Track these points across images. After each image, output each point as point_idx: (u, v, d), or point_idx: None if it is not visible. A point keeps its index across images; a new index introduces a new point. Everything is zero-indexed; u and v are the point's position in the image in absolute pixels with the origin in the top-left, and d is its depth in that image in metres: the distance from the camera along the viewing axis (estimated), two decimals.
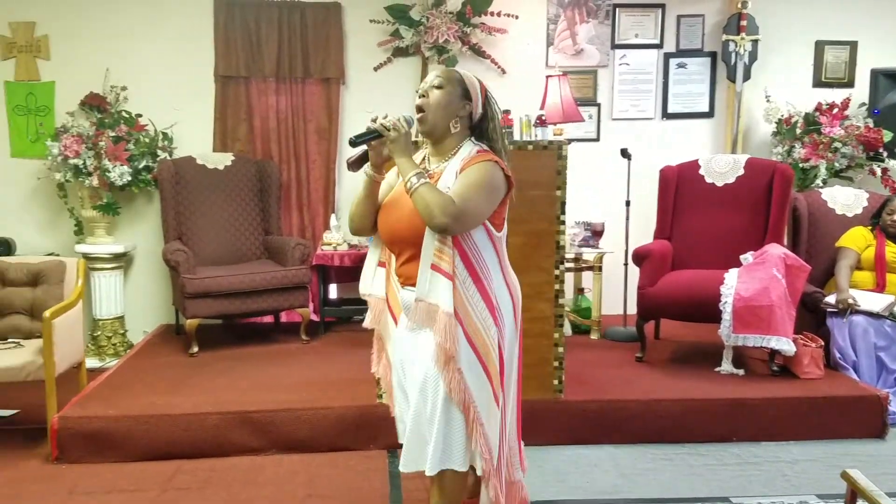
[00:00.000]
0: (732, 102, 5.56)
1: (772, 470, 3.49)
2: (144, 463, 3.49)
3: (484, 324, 2.25)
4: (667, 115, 5.71)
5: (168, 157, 5.15)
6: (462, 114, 2.32)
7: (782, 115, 5.42)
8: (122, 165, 4.91)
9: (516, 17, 5.46)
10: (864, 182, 5.34)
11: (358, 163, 2.38)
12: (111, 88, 5.20)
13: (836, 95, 5.46)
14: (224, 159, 5.22)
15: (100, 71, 5.21)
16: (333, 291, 5.43)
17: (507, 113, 4.08)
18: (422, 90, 2.33)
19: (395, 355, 2.47)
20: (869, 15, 5.64)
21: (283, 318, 5.39)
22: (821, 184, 5.18)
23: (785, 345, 3.96)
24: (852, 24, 5.65)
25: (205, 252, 5.01)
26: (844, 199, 4.89)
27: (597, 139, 5.68)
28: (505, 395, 2.35)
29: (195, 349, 4.63)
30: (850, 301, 4.24)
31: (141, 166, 5.05)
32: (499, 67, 5.53)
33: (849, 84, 5.66)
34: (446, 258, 2.19)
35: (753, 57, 5.47)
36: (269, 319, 5.38)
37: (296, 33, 5.35)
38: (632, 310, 4.74)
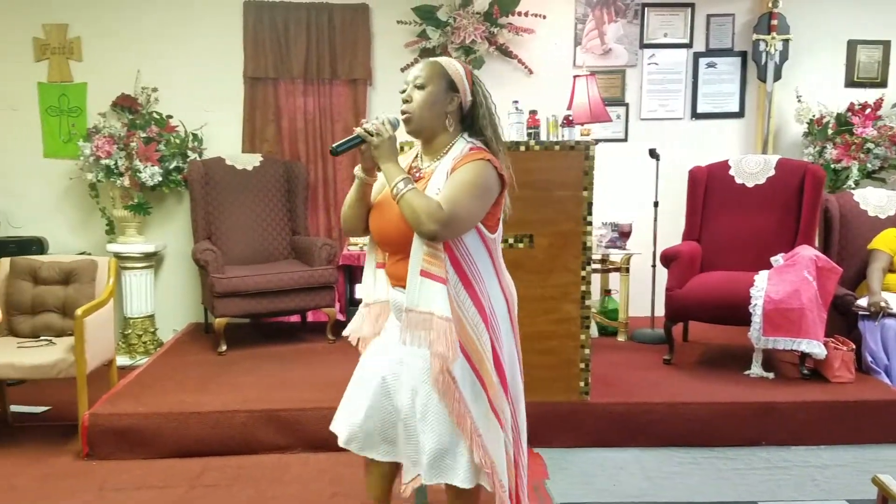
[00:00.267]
0: (763, 102, 5.50)
1: (801, 474, 3.45)
2: (173, 460, 3.53)
3: (476, 330, 2.12)
4: (696, 115, 5.67)
5: (198, 158, 5.21)
6: (451, 108, 2.20)
7: (814, 116, 5.36)
8: (152, 166, 4.98)
9: (544, 17, 5.45)
10: None
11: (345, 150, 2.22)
12: (142, 90, 5.27)
13: (869, 95, 5.39)
14: (252, 160, 5.27)
15: (131, 72, 5.29)
16: (359, 291, 5.43)
17: (533, 113, 4.06)
18: (406, 95, 2.20)
19: (385, 356, 2.30)
20: None
21: (310, 317, 5.42)
22: (853, 185, 5.10)
23: (816, 348, 3.91)
24: (885, 23, 5.57)
25: (233, 252, 5.06)
26: (877, 200, 4.82)
27: (624, 139, 5.65)
28: (513, 405, 2.24)
29: (223, 348, 4.68)
30: (883, 304, 4.17)
31: (171, 167, 5.12)
32: (526, 68, 5.52)
33: (882, 84, 5.59)
34: (438, 262, 2.07)
35: (784, 56, 5.41)
36: (295, 319, 5.42)
37: (323, 34, 5.38)
38: (659, 312, 4.69)
